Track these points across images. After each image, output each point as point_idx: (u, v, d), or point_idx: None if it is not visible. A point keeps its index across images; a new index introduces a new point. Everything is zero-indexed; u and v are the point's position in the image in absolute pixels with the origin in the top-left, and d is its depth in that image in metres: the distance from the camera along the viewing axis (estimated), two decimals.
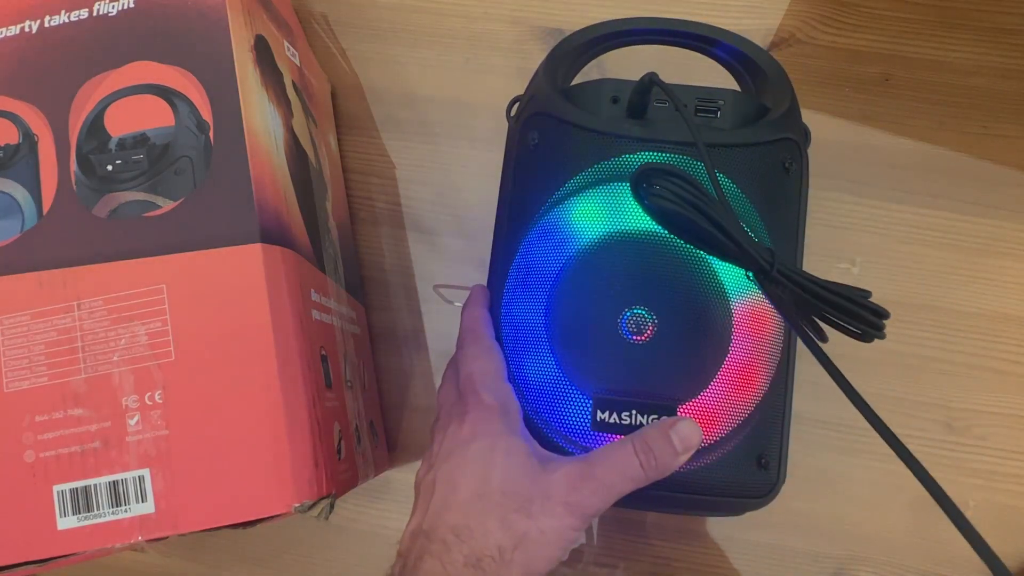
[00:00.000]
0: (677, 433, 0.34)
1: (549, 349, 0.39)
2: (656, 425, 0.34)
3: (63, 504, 0.35)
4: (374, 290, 0.54)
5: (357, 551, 0.52)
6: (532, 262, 0.40)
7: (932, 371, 0.49)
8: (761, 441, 0.38)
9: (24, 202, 0.38)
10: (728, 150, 0.38)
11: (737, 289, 0.39)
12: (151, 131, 0.38)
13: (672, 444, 0.34)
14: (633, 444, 0.34)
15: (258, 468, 0.35)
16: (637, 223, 0.38)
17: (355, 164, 0.55)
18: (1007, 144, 0.50)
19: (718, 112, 0.40)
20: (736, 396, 0.38)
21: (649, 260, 0.38)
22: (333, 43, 0.56)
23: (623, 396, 0.37)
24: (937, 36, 0.51)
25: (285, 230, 0.39)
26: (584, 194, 0.39)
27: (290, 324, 0.37)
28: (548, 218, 0.39)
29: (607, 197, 0.39)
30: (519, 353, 0.39)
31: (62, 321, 0.36)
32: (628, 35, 0.43)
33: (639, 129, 0.38)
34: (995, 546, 0.48)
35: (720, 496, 0.38)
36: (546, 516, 0.33)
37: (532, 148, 0.40)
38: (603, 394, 0.38)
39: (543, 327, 0.39)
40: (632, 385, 0.38)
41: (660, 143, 0.38)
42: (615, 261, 0.38)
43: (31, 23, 0.40)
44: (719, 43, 0.42)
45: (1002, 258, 0.49)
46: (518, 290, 0.40)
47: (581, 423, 0.38)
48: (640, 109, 0.39)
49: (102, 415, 0.35)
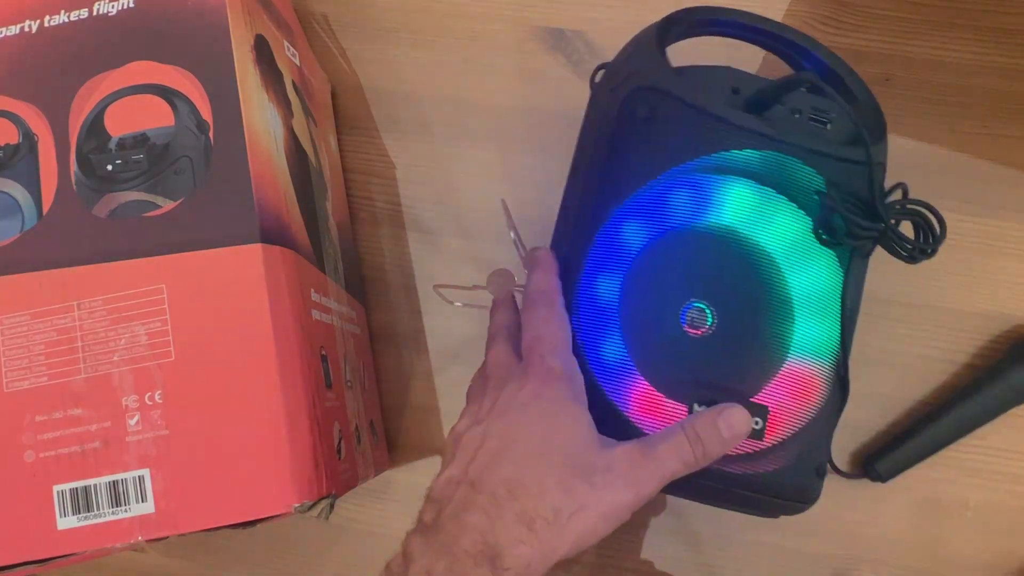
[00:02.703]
0: (726, 420, 0.34)
1: (619, 328, 0.38)
2: (706, 412, 0.34)
3: (63, 504, 0.35)
4: (374, 290, 0.54)
5: (357, 551, 0.52)
6: (619, 239, 0.39)
7: (932, 371, 0.49)
8: (819, 450, 0.39)
9: (24, 202, 0.38)
10: (837, 163, 0.38)
11: (804, 298, 0.39)
12: (151, 131, 0.38)
13: (720, 432, 0.34)
14: (685, 431, 0.33)
15: (258, 468, 0.35)
16: (721, 218, 0.39)
17: (355, 164, 0.55)
18: (1007, 144, 0.50)
19: (828, 124, 0.40)
20: (792, 404, 0.38)
21: (718, 257, 0.39)
22: (333, 43, 0.56)
23: (688, 390, 0.38)
24: (937, 36, 0.51)
25: (285, 230, 0.39)
26: (683, 179, 0.39)
27: (290, 324, 0.37)
28: (643, 197, 0.39)
29: (706, 188, 0.39)
30: (595, 328, 0.38)
31: (62, 321, 0.36)
32: (739, 28, 0.42)
33: (767, 127, 0.38)
34: (995, 546, 0.49)
35: (775, 498, 0.38)
36: (608, 489, 0.32)
37: (639, 122, 0.38)
38: (667, 386, 0.38)
39: (617, 306, 0.38)
40: (689, 377, 0.38)
41: (790, 146, 0.38)
42: (688, 252, 0.39)
43: (31, 23, 0.40)
44: (831, 74, 0.41)
45: (1002, 258, 0.49)
46: (601, 265, 0.39)
47: (641, 404, 0.38)
48: (765, 106, 0.38)
49: (102, 415, 0.35)
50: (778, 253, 0.39)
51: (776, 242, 0.39)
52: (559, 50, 0.54)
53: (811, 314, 0.39)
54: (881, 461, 0.47)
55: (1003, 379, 0.46)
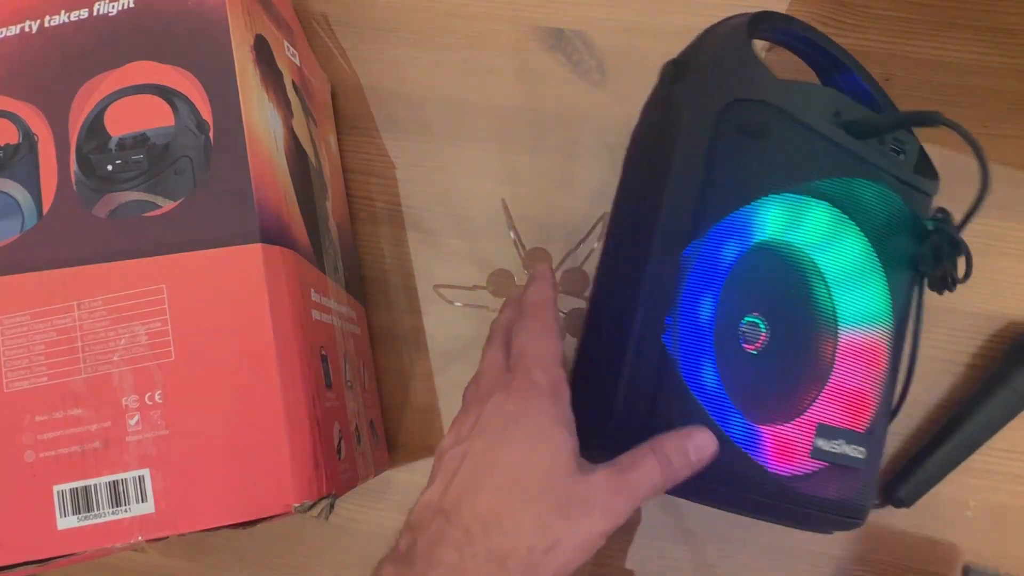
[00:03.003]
0: (694, 444, 0.33)
1: (712, 349, 0.36)
2: (675, 435, 0.33)
3: (63, 504, 0.35)
4: (374, 290, 0.54)
5: (357, 551, 0.52)
6: (714, 258, 0.37)
7: (932, 371, 0.49)
8: (878, 467, 0.39)
9: (24, 202, 0.38)
10: (912, 192, 0.39)
11: (848, 319, 0.39)
12: (151, 131, 0.38)
13: (688, 456, 0.33)
14: (656, 455, 0.33)
15: (258, 468, 0.35)
16: (792, 237, 0.38)
17: (355, 164, 0.55)
18: (1007, 144, 0.50)
19: (903, 155, 0.40)
20: (862, 426, 0.38)
21: (780, 273, 0.38)
22: (333, 43, 0.56)
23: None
24: (937, 36, 0.51)
25: (285, 230, 0.39)
26: (777, 199, 0.37)
27: (290, 324, 0.37)
28: (741, 214, 0.37)
29: (795, 209, 0.38)
30: (695, 352, 0.36)
31: (62, 321, 0.36)
32: (807, 45, 0.42)
33: (877, 156, 0.38)
34: (995, 546, 0.49)
35: (841, 516, 0.38)
36: (584, 520, 0.31)
37: (746, 136, 0.36)
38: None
39: (711, 326, 0.36)
40: (745, 394, 0.36)
41: (895, 178, 0.39)
42: (757, 269, 0.38)
43: (31, 23, 0.40)
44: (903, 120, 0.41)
45: (1002, 258, 0.49)
46: (699, 285, 0.36)
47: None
48: (865, 134, 0.38)
49: (102, 415, 0.35)
50: (839, 276, 0.39)
51: (839, 265, 0.39)
52: (559, 50, 0.54)
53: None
54: (903, 487, 0.47)
55: (1007, 385, 0.46)
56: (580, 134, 0.53)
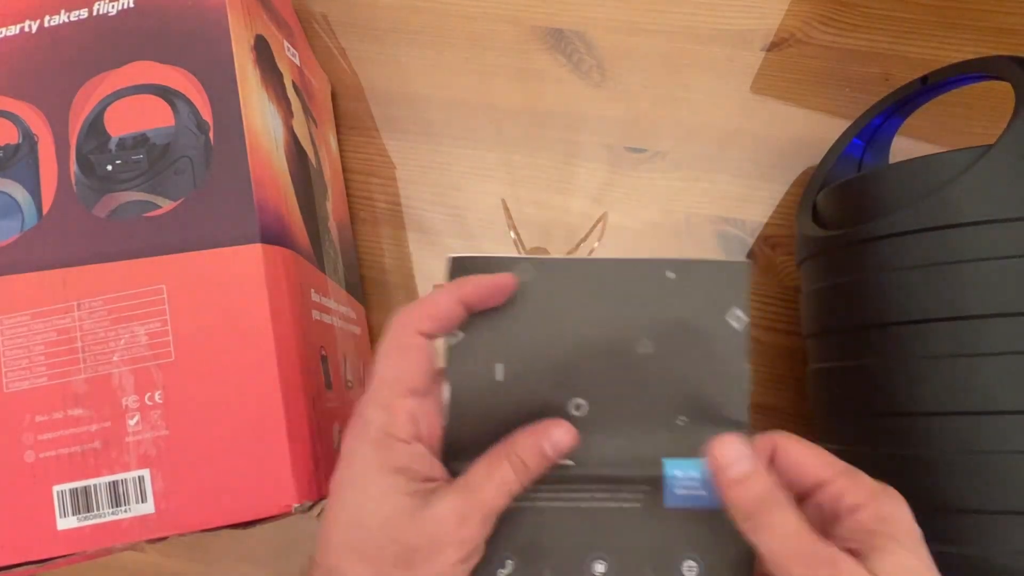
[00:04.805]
0: (549, 439, 0.31)
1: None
2: (528, 434, 0.31)
3: (63, 504, 0.35)
4: (374, 290, 0.54)
5: None
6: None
7: None
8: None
9: (24, 202, 0.38)
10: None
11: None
12: (151, 131, 0.38)
13: (546, 453, 0.31)
14: (510, 460, 0.31)
15: (258, 468, 0.35)
16: None
17: (355, 164, 0.55)
18: None
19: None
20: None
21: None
22: (333, 43, 0.56)
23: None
24: (937, 36, 0.51)
25: (285, 230, 0.39)
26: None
27: (290, 324, 0.37)
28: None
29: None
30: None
31: (62, 321, 0.36)
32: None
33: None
34: None
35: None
36: (434, 562, 0.29)
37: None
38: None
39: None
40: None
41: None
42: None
43: (31, 23, 0.40)
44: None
45: None
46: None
47: None
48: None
49: (102, 415, 0.35)
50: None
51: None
52: (559, 50, 0.54)
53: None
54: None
55: None
56: (580, 134, 0.53)
